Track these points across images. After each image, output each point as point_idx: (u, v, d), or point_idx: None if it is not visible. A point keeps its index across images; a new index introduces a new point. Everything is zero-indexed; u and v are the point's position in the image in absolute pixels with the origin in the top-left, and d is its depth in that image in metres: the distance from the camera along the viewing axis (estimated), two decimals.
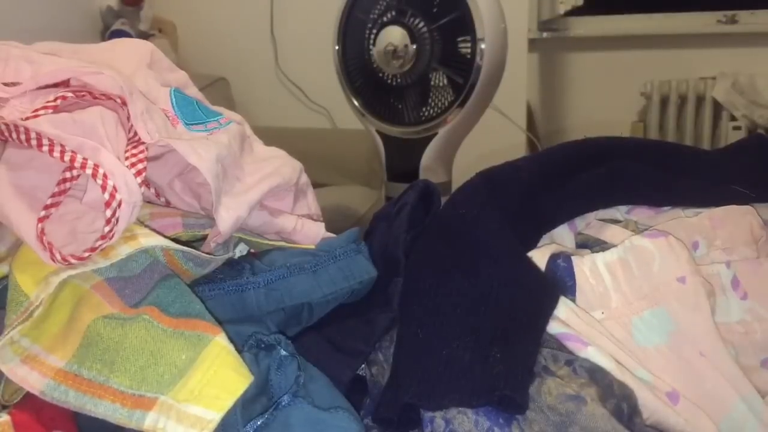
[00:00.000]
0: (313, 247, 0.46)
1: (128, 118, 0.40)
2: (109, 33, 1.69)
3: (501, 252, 0.42)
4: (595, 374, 0.37)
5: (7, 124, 0.37)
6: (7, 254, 0.41)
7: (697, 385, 0.38)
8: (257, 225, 0.46)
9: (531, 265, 0.42)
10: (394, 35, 0.95)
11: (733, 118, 1.94)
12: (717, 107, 1.95)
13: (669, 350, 0.39)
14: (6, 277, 0.38)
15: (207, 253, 0.41)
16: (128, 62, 0.45)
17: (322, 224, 0.49)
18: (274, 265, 0.42)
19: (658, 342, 0.40)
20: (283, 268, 0.41)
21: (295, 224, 0.48)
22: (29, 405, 0.35)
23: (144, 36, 1.71)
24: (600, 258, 0.41)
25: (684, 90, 1.97)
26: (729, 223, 0.44)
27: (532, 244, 0.45)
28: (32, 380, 0.33)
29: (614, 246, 0.42)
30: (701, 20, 1.98)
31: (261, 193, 0.44)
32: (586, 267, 0.41)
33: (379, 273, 0.44)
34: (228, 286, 0.40)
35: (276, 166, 0.47)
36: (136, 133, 0.39)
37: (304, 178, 0.51)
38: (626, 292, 0.41)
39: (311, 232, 0.48)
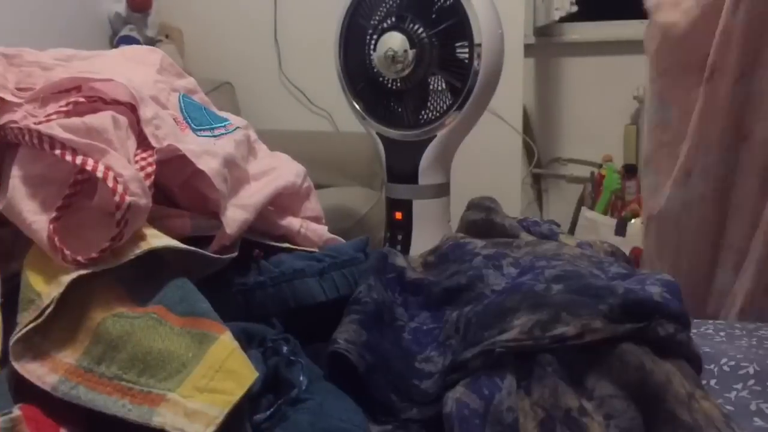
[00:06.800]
0: (317, 250, 0.47)
1: (138, 123, 0.41)
2: (117, 39, 1.70)
3: None
4: None
5: (20, 128, 0.38)
6: (20, 254, 0.42)
7: None
8: (263, 227, 0.47)
9: None
10: (394, 41, 0.96)
11: None
12: None
13: None
14: (18, 275, 0.39)
15: (214, 254, 0.41)
16: (138, 68, 0.46)
17: (325, 226, 0.50)
18: (281, 267, 0.43)
19: None
20: (289, 271, 0.42)
21: (300, 226, 0.48)
22: (39, 400, 0.35)
23: (151, 42, 1.72)
24: None
25: None
26: None
27: None
28: (43, 376, 0.34)
29: None
30: None
31: (266, 196, 0.45)
32: None
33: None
34: (235, 286, 0.41)
35: (280, 171, 0.48)
36: (146, 138, 0.40)
37: (308, 182, 0.52)
38: None
39: (315, 234, 0.49)
